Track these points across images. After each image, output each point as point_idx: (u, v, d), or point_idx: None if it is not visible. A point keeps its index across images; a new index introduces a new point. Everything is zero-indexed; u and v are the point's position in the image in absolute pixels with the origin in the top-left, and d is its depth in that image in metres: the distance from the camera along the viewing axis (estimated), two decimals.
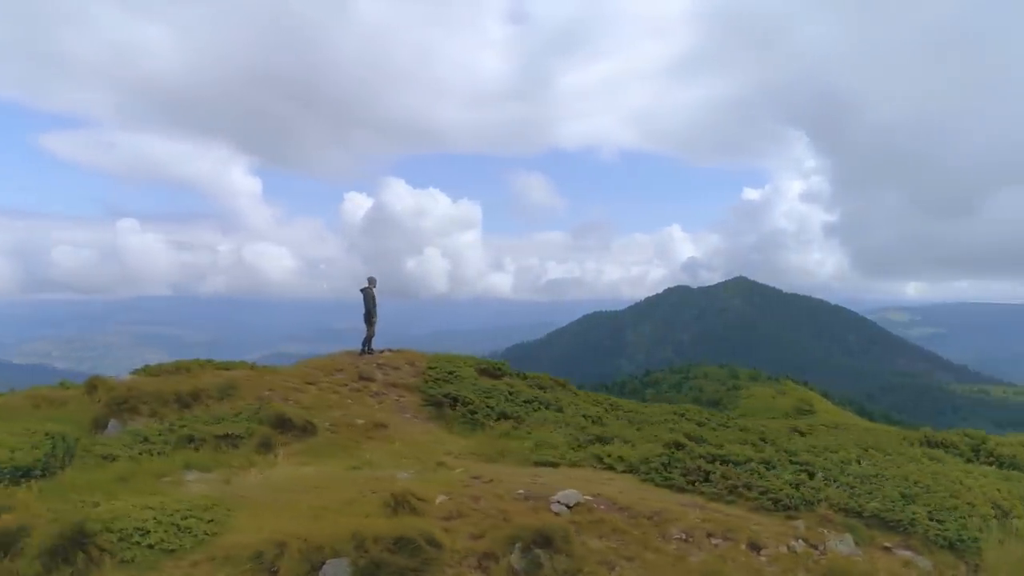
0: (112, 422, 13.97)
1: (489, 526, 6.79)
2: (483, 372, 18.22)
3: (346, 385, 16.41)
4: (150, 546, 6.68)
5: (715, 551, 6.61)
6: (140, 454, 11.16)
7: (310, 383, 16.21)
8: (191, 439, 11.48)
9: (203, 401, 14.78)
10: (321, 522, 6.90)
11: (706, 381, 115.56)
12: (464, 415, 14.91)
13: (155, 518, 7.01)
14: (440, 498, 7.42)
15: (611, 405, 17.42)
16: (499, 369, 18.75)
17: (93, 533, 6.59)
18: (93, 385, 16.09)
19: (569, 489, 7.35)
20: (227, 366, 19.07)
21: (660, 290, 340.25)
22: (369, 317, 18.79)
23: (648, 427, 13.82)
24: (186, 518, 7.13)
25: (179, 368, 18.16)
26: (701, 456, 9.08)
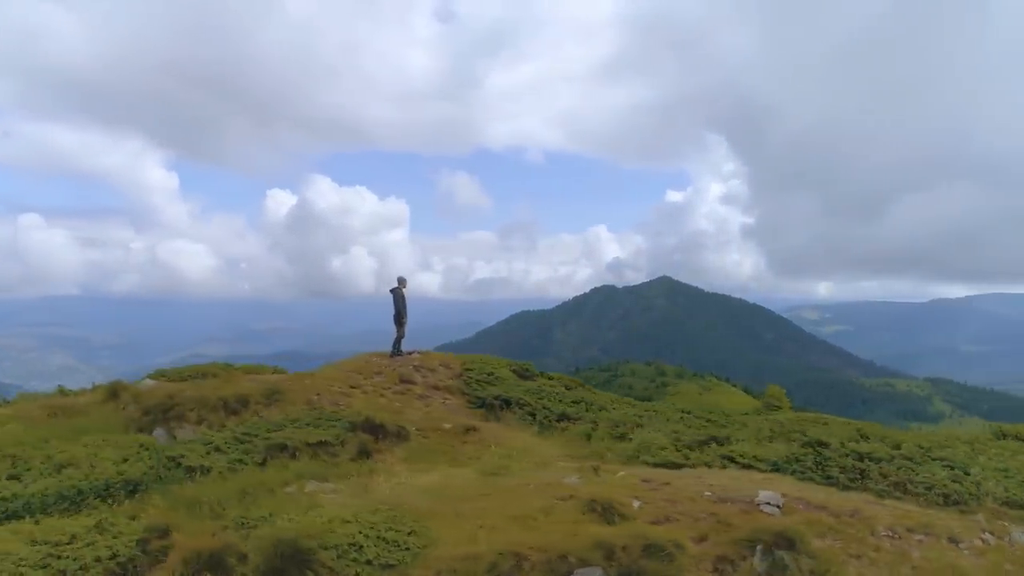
0: (158, 431, 13.18)
1: (708, 529, 6.78)
2: (514, 373, 18.11)
3: (388, 388, 16.00)
4: (368, 562, 6.35)
5: (922, 546, 6.82)
6: (230, 464, 10.55)
7: (353, 387, 15.71)
8: (283, 447, 10.91)
9: (251, 407, 14.15)
10: (534, 531, 6.74)
11: (634, 379, 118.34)
12: (522, 417, 14.79)
13: (361, 532, 6.67)
14: (635, 503, 7.35)
15: (644, 407, 17.65)
16: (527, 370, 18.68)
17: (310, 550, 6.22)
18: (115, 391, 15.18)
19: (768, 491, 7.42)
20: (254, 370, 18.31)
21: (587, 290, 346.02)
22: (399, 318, 18.35)
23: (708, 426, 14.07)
24: (388, 530, 6.82)
25: (201, 372, 17.32)
26: (847, 454, 9.34)
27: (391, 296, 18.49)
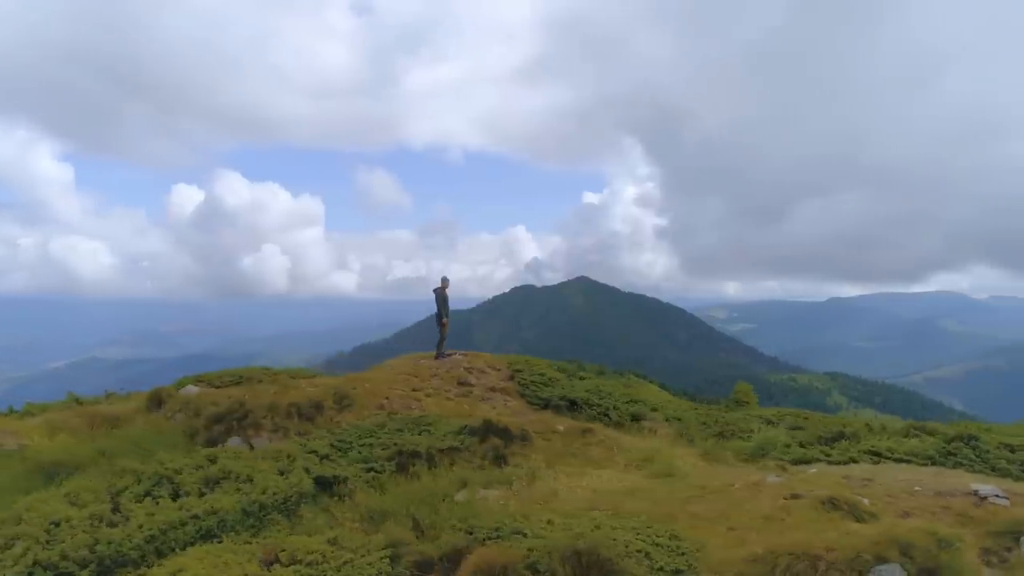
0: (233, 440, 12.49)
1: (952, 523, 7.01)
2: (562, 372, 18.08)
3: (448, 391, 15.70)
4: (660, 568, 6.24)
5: None
6: (367, 473, 10.06)
7: (416, 390, 15.32)
8: (416, 454, 10.47)
9: (325, 413, 13.61)
10: (794, 530, 6.80)
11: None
12: (594, 418, 14.76)
13: (638, 537, 6.54)
14: (864, 500, 7.52)
15: (688, 405, 17.98)
16: (572, 369, 18.70)
17: (611, 560, 6.05)
18: (158, 399, 14.35)
19: (985, 485, 7.75)
20: (296, 373, 17.51)
21: (506, 289, 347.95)
22: (440, 319, 17.96)
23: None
24: (653, 536, 6.71)
25: (239, 376, 16.45)
26: (998, 446, 9.84)
27: (434, 296, 18.10)
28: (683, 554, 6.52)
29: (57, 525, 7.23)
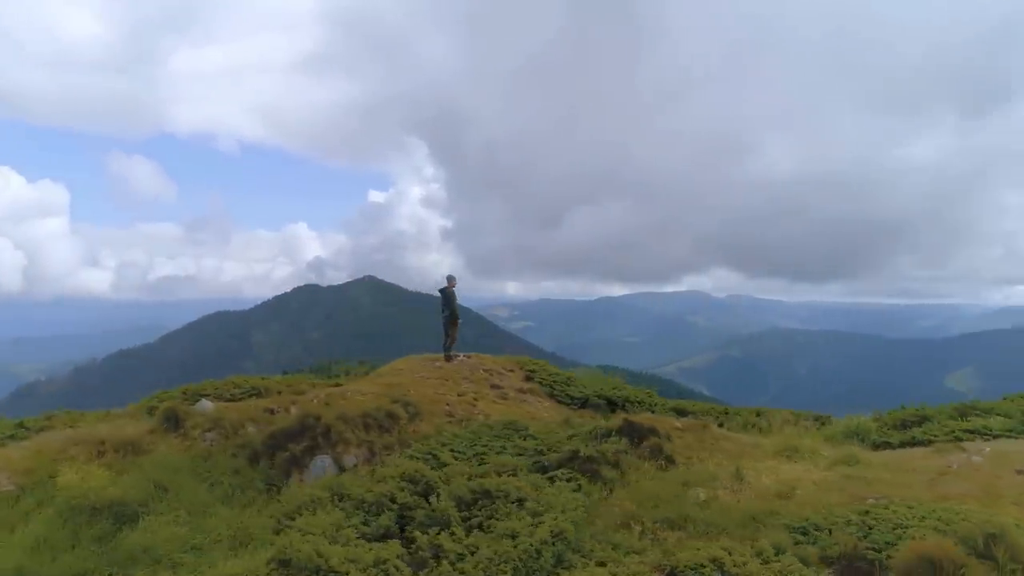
0: (320, 459, 11.15)
1: None
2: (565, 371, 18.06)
3: (488, 393, 15.04)
4: None
5: None
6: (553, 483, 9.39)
7: (460, 395, 14.48)
8: (592, 459, 9.94)
9: (400, 423, 12.48)
10: None
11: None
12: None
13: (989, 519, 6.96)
14: None
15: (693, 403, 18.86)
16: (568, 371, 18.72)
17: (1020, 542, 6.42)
18: (175, 417, 12.30)
19: None
20: (299, 380, 15.56)
21: (288, 288, 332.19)
22: (453, 319, 17.05)
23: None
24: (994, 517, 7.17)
25: (254, 387, 14.44)
26: None
27: (440, 296, 17.14)
28: None
29: None
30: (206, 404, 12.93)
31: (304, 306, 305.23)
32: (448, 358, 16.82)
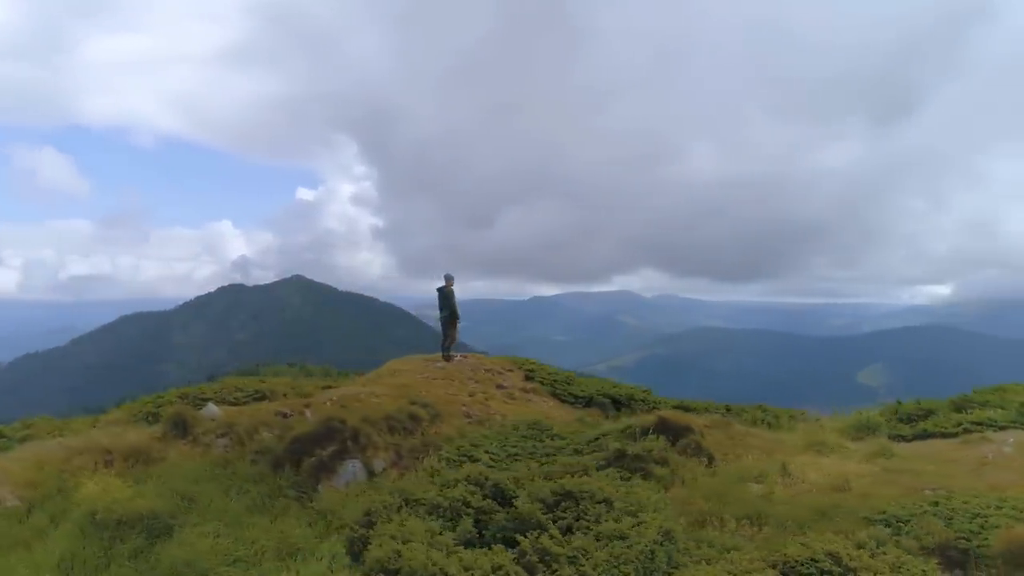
0: (351, 463, 10.83)
1: None
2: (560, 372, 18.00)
3: (495, 394, 14.85)
4: None
5: None
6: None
7: (471, 395, 14.28)
8: (640, 457, 9.91)
9: (422, 425, 12.21)
10: None
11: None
12: (650, 413, 15.08)
13: None
14: None
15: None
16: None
17: None
18: (182, 423, 11.72)
19: None
20: (329, 383, 14.98)
21: (211, 288, 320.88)
22: (452, 318, 16.73)
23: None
24: None
25: (257, 390, 13.81)
26: None
27: (437, 295, 16.79)
28: None
29: None
30: (213, 409, 12.27)
31: (229, 307, 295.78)
32: (447, 358, 16.51)
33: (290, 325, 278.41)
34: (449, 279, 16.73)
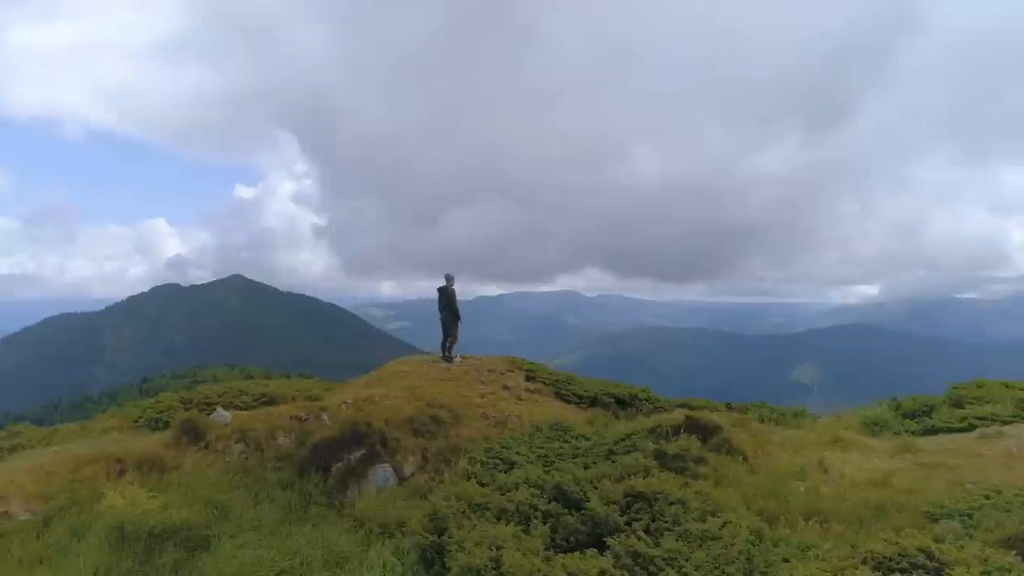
0: (381, 468, 10.61)
1: None
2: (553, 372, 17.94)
3: (504, 394, 14.66)
4: None
5: None
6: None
7: (482, 396, 14.07)
8: (679, 456, 9.91)
9: (444, 427, 12.01)
10: None
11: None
12: (652, 411, 15.15)
13: None
14: None
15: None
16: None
17: None
18: (194, 429, 11.27)
19: None
20: (334, 386, 14.50)
21: (145, 288, 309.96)
22: (454, 319, 16.45)
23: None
24: None
25: (263, 395, 13.30)
26: None
27: (438, 295, 16.51)
28: None
29: None
30: (225, 414, 11.76)
31: (163, 307, 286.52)
32: (448, 359, 16.26)
33: (228, 326, 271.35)
34: (450, 279, 16.49)
